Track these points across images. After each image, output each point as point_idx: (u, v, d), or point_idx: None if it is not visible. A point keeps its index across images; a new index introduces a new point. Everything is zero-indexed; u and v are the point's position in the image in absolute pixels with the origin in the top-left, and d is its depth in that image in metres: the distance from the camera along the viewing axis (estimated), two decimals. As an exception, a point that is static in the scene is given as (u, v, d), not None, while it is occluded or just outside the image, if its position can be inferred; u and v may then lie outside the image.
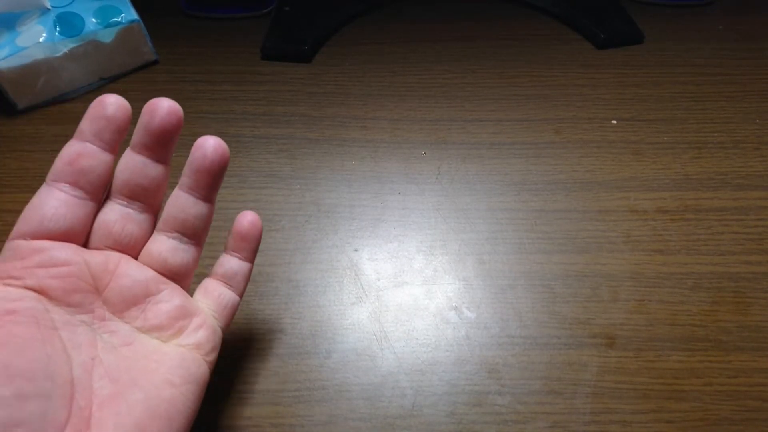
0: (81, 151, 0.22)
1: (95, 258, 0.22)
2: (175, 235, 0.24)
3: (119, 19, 0.44)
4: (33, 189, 0.33)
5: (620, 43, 0.49)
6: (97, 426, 0.20)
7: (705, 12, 0.53)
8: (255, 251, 0.27)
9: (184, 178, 0.24)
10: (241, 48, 0.49)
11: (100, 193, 0.23)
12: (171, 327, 0.23)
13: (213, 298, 0.26)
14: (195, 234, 0.25)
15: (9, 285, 0.20)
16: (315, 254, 0.35)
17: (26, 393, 0.18)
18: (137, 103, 0.23)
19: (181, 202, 0.24)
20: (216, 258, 0.27)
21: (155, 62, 0.48)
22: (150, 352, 0.22)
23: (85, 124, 0.22)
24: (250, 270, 0.27)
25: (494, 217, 0.36)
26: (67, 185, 0.22)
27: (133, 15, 0.45)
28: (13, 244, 0.21)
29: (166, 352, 0.23)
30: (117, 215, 0.23)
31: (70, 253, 0.22)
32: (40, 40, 0.41)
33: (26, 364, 0.19)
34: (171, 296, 0.24)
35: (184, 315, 0.24)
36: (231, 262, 0.26)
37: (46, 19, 0.42)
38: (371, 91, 0.45)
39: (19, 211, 0.22)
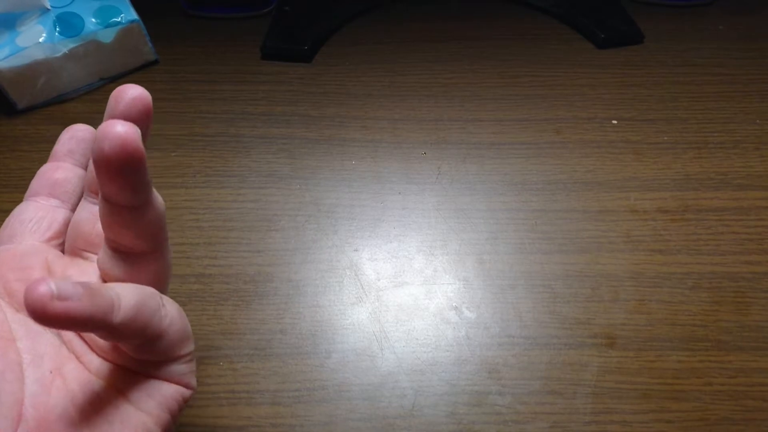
0: (55, 166, 0.23)
1: (56, 262, 0.21)
2: (110, 242, 0.22)
3: (119, 19, 0.44)
4: (33, 189, 0.32)
5: (620, 42, 0.49)
6: None
7: (705, 12, 0.53)
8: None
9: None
10: (241, 48, 0.49)
11: (74, 202, 0.23)
12: (114, 350, 0.20)
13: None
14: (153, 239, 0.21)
15: None
16: (315, 254, 0.35)
17: None
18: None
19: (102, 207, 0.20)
20: (216, 257, 0.27)
21: (155, 62, 0.48)
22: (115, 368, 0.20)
23: (58, 147, 0.23)
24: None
25: (494, 217, 0.36)
26: (43, 197, 0.23)
27: (133, 15, 0.45)
28: None
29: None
30: (88, 213, 0.22)
31: (34, 256, 0.21)
32: (40, 40, 0.41)
33: None
34: None
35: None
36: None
37: (46, 19, 0.42)
38: (371, 91, 0.45)
39: (18, 211, 0.22)
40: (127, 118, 0.19)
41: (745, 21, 0.52)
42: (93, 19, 0.43)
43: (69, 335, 0.20)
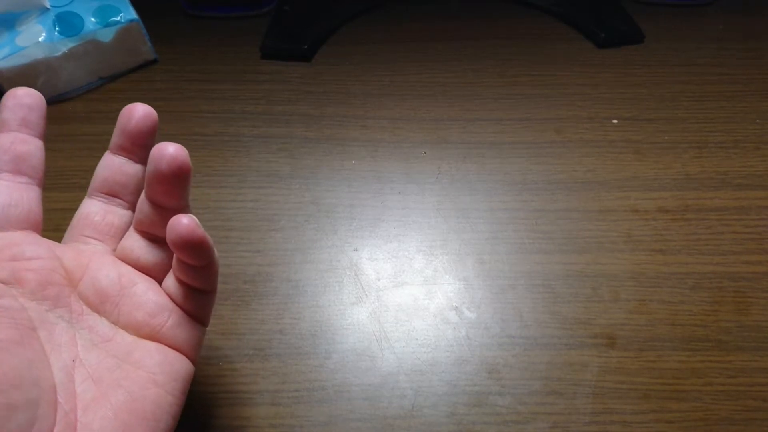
0: (14, 138, 0.22)
1: (68, 252, 0.22)
2: (148, 234, 0.24)
3: (118, 18, 0.44)
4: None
5: (621, 42, 0.49)
6: (83, 431, 0.19)
7: (705, 12, 0.53)
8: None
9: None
10: (241, 47, 0.49)
11: (41, 173, 0.23)
12: (147, 324, 0.22)
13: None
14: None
15: None
16: (315, 254, 0.34)
17: (15, 402, 0.17)
18: (136, 102, 0.23)
19: (147, 207, 0.23)
20: (220, 255, 0.27)
21: (154, 61, 0.48)
22: (131, 348, 0.22)
23: (7, 115, 0.22)
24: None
25: (495, 216, 0.36)
26: (9, 173, 0.22)
27: (132, 14, 0.45)
28: None
29: (147, 349, 0.22)
30: (97, 208, 0.24)
31: (41, 246, 0.22)
32: (40, 39, 0.41)
33: (11, 371, 0.18)
34: (146, 291, 0.23)
35: (160, 312, 0.23)
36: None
37: (46, 19, 0.42)
38: (371, 91, 0.45)
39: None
40: (140, 131, 0.23)
41: (745, 21, 0.52)
42: (92, 19, 0.43)
43: (82, 324, 0.22)
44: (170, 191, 0.22)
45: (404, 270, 0.34)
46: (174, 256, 0.23)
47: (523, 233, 0.35)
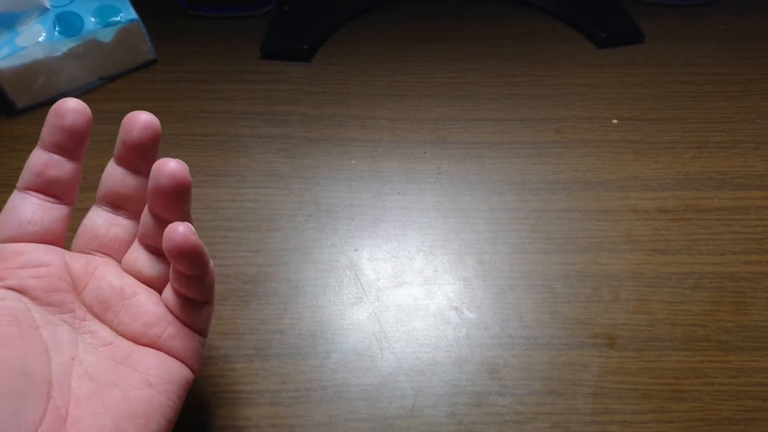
0: (47, 161, 0.23)
1: (76, 260, 0.23)
2: (152, 247, 0.24)
3: (118, 18, 0.44)
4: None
5: (621, 42, 0.49)
6: (73, 425, 0.20)
7: (705, 12, 0.53)
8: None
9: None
10: (241, 47, 0.49)
11: (72, 195, 0.24)
12: (144, 334, 0.23)
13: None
14: None
15: None
16: (314, 254, 0.34)
17: (0, 391, 0.18)
18: (136, 102, 0.23)
19: (149, 220, 0.23)
20: (215, 257, 0.27)
21: (154, 61, 0.48)
22: (129, 353, 0.22)
23: (46, 134, 0.22)
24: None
25: (495, 216, 0.36)
26: (38, 193, 0.23)
27: (132, 14, 0.45)
28: None
29: (145, 353, 0.23)
30: (102, 220, 0.24)
31: (50, 254, 0.22)
32: (40, 39, 0.41)
33: (1, 363, 0.19)
34: (145, 302, 0.23)
35: (158, 322, 0.23)
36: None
37: (46, 19, 0.42)
38: (371, 91, 0.45)
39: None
40: (141, 144, 0.23)
41: (745, 21, 0.52)
42: (92, 19, 0.43)
43: (84, 329, 0.22)
44: (171, 206, 0.22)
45: (404, 270, 0.34)
46: (171, 266, 0.23)
47: (523, 233, 0.35)
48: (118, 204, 0.24)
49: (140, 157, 0.23)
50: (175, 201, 0.22)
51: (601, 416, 0.28)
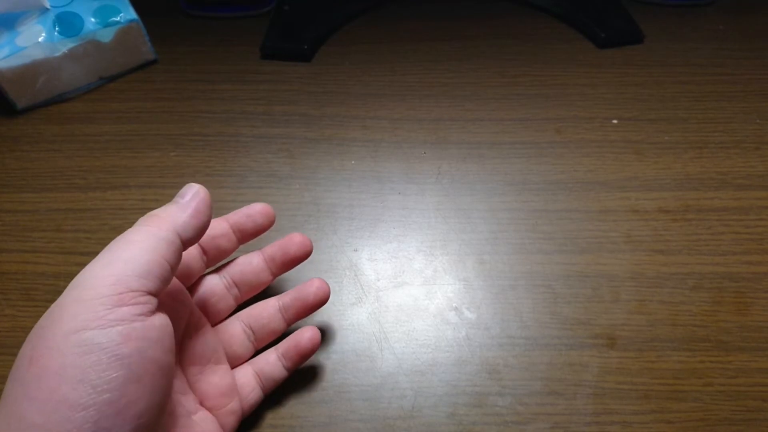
0: (224, 233, 0.28)
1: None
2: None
3: (118, 18, 0.44)
4: (33, 188, 0.33)
5: (621, 42, 0.49)
6: None
7: (705, 12, 0.53)
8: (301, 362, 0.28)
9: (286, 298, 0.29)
10: (241, 47, 0.49)
11: (215, 263, 0.29)
12: (215, 400, 0.25)
13: (244, 393, 0.27)
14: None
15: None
16: (314, 254, 0.34)
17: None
18: (136, 102, 0.23)
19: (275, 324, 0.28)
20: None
21: (154, 62, 0.48)
22: (194, 410, 0.25)
23: (237, 217, 0.28)
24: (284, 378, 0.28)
25: (495, 217, 0.36)
26: (200, 247, 0.28)
27: (132, 14, 0.45)
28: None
29: (208, 418, 0.25)
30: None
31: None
32: (40, 39, 0.41)
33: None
34: (226, 373, 0.26)
35: (229, 394, 0.26)
36: (276, 370, 0.28)
37: (46, 19, 0.42)
38: (371, 91, 0.45)
39: (19, 211, 0.22)
40: (293, 261, 0.29)
41: (745, 21, 0.51)
42: (92, 19, 0.43)
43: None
44: (308, 312, 0.28)
45: (404, 270, 0.34)
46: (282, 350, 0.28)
47: (523, 233, 0.35)
48: (239, 284, 0.29)
49: (285, 267, 0.29)
50: (315, 310, 0.29)
51: (601, 417, 0.28)
